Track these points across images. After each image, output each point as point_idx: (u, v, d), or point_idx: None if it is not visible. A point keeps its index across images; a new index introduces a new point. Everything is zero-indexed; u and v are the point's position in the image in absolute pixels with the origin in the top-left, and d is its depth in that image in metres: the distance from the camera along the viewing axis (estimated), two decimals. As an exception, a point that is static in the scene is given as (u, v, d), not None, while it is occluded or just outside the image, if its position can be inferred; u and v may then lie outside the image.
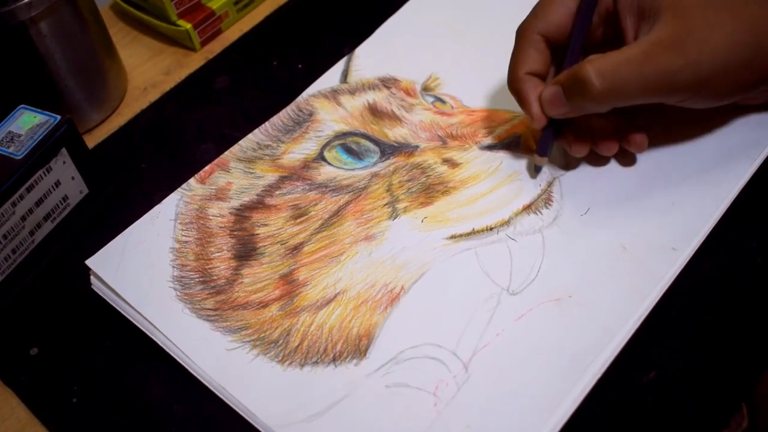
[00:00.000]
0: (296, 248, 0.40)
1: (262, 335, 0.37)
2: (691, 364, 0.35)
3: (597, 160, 0.41)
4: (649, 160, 0.41)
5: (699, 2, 0.36)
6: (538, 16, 0.40)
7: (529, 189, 0.41)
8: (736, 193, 0.39)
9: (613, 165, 0.41)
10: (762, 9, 0.36)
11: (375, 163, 0.43)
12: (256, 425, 0.34)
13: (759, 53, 0.36)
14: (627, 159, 0.41)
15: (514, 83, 0.40)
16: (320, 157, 0.44)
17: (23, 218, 0.41)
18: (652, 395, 0.34)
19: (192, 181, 0.43)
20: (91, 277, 0.40)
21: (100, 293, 0.40)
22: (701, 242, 0.38)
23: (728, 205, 0.39)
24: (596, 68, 0.35)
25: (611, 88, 0.35)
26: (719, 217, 0.38)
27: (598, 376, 0.34)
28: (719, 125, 0.42)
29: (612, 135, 0.40)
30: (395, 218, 0.40)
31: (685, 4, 0.36)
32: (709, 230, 0.38)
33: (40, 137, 0.41)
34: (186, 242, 0.41)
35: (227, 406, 0.35)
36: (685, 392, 0.34)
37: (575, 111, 0.38)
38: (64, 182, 0.43)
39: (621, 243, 0.38)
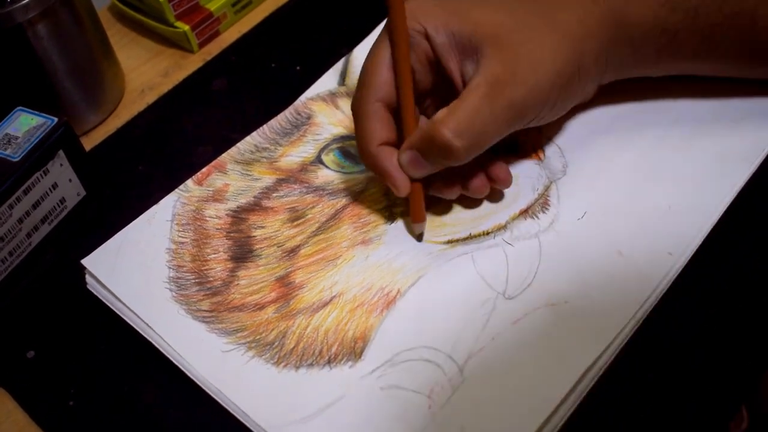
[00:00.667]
0: (293, 251, 0.40)
1: (258, 337, 0.37)
2: (691, 367, 0.35)
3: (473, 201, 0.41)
4: (646, 163, 0.41)
5: (513, 27, 0.36)
6: (369, 85, 0.38)
7: (526, 193, 0.41)
8: (733, 197, 0.39)
9: (610, 167, 0.41)
10: (567, 14, 0.37)
11: (372, 167, 0.43)
12: (250, 427, 0.34)
13: (580, 56, 0.37)
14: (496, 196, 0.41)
15: (368, 158, 0.38)
16: (318, 161, 0.44)
17: (20, 221, 0.41)
18: (651, 397, 0.34)
19: (189, 182, 0.43)
20: (87, 277, 0.40)
21: (95, 293, 0.40)
22: (698, 246, 0.38)
23: (725, 209, 0.39)
24: (452, 129, 0.35)
25: (472, 143, 0.35)
26: (716, 221, 0.38)
27: (594, 381, 0.34)
28: (716, 128, 0.42)
29: (478, 172, 0.39)
30: (392, 222, 0.40)
31: (501, 32, 0.36)
32: (706, 234, 0.38)
33: (37, 139, 0.41)
34: (182, 243, 0.41)
35: (224, 409, 0.35)
36: (685, 394, 0.34)
37: (438, 168, 0.37)
38: (62, 184, 0.43)
39: (617, 248, 0.38)
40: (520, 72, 0.36)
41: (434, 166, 0.37)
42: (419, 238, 0.40)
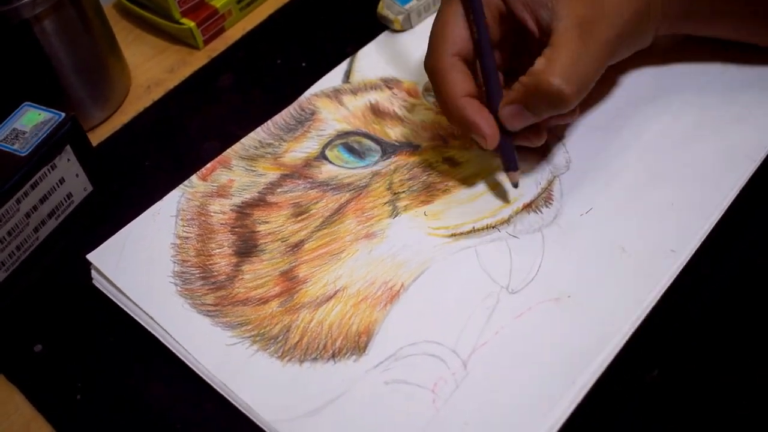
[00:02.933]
0: (297, 245, 0.40)
1: (262, 331, 0.37)
2: (693, 363, 0.35)
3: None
4: (649, 159, 0.41)
5: None
6: (444, 41, 0.38)
7: (530, 187, 0.41)
8: (735, 194, 0.39)
9: (613, 163, 0.41)
10: None
11: (376, 162, 0.43)
12: (255, 420, 0.34)
13: None
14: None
15: (454, 111, 0.38)
16: (322, 156, 0.44)
17: (27, 215, 0.41)
18: (652, 394, 0.34)
19: (194, 177, 0.44)
20: (92, 272, 0.40)
21: (100, 288, 0.40)
22: (700, 243, 0.38)
23: (727, 206, 0.39)
24: (560, 76, 0.35)
25: (580, 86, 0.36)
26: (718, 219, 0.38)
27: (597, 376, 0.34)
28: (720, 125, 0.42)
29: None
30: (396, 216, 0.41)
31: None
32: (708, 232, 0.38)
33: (45, 134, 0.41)
34: (187, 238, 0.41)
35: (231, 402, 0.35)
36: (688, 390, 0.34)
37: (541, 118, 0.38)
38: (69, 179, 0.43)
39: (620, 244, 0.38)
40: (606, 8, 0.36)
41: (539, 116, 0.37)
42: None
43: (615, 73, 0.44)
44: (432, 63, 0.39)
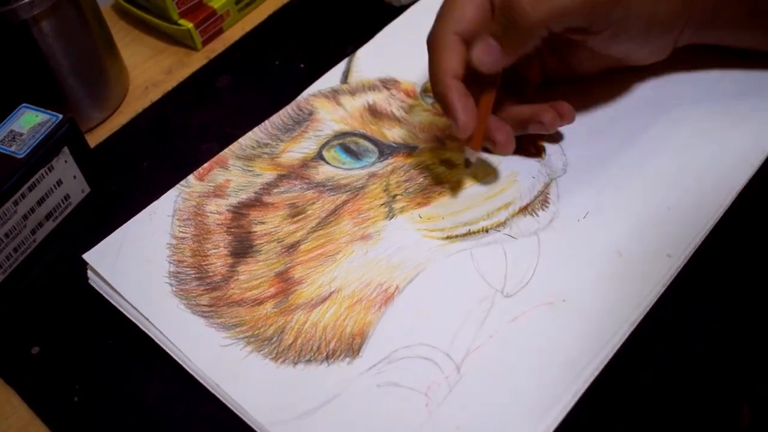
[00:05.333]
0: (292, 246, 0.40)
1: (257, 332, 0.37)
2: (690, 366, 0.35)
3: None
4: (646, 164, 0.41)
5: None
6: (449, 18, 0.39)
7: (527, 190, 0.41)
8: (732, 199, 0.39)
9: (610, 167, 0.41)
10: None
11: (373, 163, 0.43)
12: (248, 422, 0.34)
13: None
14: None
15: (439, 87, 0.38)
16: (319, 157, 0.44)
17: (25, 217, 0.41)
18: (651, 396, 0.34)
19: (190, 177, 0.44)
20: (88, 272, 0.40)
21: (96, 287, 0.40)
22: (697, 248, 0.37)
23: (724, 211, 0.38)
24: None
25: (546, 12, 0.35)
26: (715, 223, 0.38)
27: (590, 381, 0.34)
28: (716, 130, 0.42)
29: (546, 108, 0.39)
30: (392, 218, 0.41)
31: None
32: (705, 236, 0.38)
33: (42, 136, 0.41)
34: (183, 238, 0.41)
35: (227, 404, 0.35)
36: (686, 392, 0.34)
37: (510, 53, 0.37)
38: (66, 181, 0.43)
39: (616, 248, 0.38)
40: None
41: (506, 48, 0.37)
42: (467, 163, 0.41)
43: (614, 77, 0.44)
44: (431, 37, 0.39)
